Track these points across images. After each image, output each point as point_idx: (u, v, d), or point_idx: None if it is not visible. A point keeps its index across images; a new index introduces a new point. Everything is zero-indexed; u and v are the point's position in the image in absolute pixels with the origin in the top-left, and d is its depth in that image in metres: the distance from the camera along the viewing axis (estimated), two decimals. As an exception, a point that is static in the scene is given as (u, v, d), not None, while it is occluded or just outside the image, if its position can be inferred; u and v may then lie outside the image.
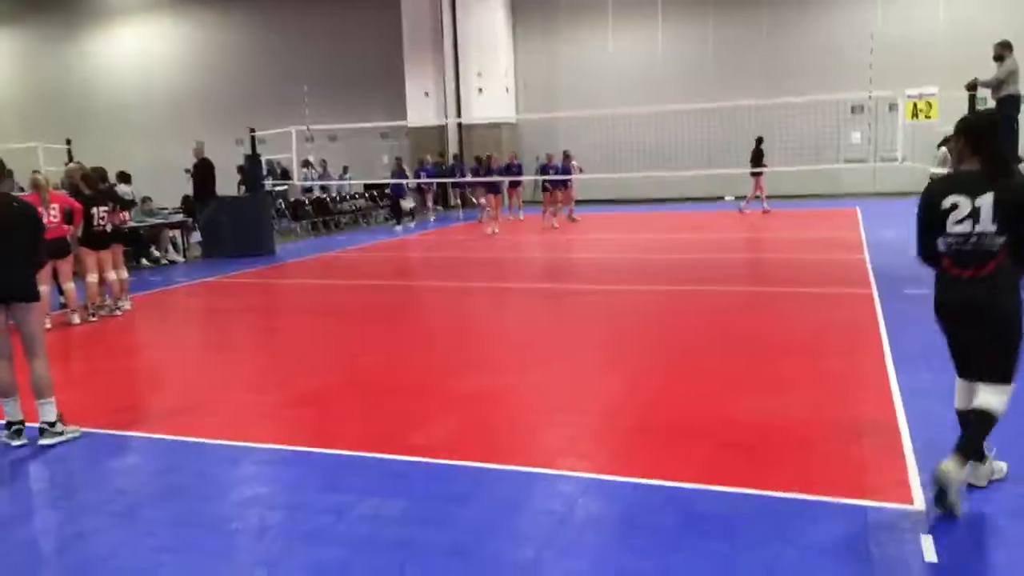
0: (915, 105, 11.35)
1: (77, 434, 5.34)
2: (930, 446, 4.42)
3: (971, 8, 21.72)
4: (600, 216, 21.26)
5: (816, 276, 10.86)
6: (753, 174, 19.37)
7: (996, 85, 11.54)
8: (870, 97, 15.05)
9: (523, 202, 21.79)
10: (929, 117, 11.33)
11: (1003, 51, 11.50)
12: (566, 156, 19.76)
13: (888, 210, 18.81)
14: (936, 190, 3.87)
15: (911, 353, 6.50)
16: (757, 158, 19.46)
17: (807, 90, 20.08)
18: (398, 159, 21.74)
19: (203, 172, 15.78)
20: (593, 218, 20.79)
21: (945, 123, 12.53)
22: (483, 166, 20.11)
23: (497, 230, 17.68)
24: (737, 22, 24.25)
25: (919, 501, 3.85)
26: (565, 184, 19.30)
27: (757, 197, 19.78)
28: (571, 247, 15.72)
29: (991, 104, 11.91)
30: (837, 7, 23.25)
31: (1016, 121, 11.69)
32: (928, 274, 4.06)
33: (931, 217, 3.84)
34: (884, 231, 15.08)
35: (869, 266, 11.06)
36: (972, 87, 11.42)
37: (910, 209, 4.32)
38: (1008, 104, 11.52)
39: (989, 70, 11.77)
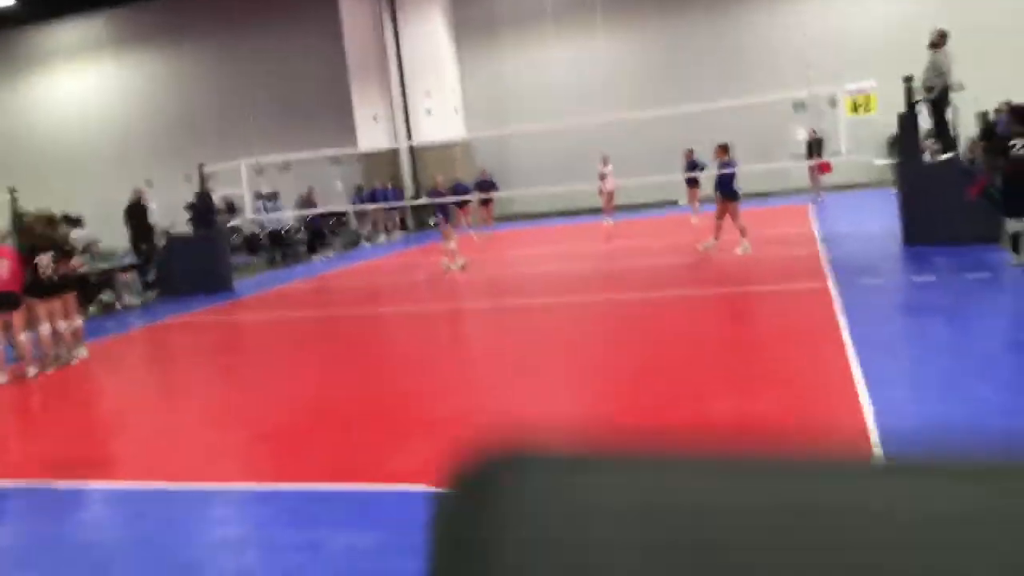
0: (854, 100, 11.60)
1: None
2: (897, 436, 4.48)
3: (903, 1, 22.33)
4: (558, 228, 21.35)
5: (773, 273, 11.00)
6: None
7: (937, 75, 11.74)
8: (809, 94, 15.36)
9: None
10: (869, 111, 11.58)
11: (940, 39, 11.75)
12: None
13: (837, 203, 19.19)
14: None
15: (872, 343, 6.61)
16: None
17: (751, 89, 20.40)
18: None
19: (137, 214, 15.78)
20: (549, 231, 20.89)
21: (885, 115, 12.89)
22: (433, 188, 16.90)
23: (458, 265, 14.17)
24: (677, 26, 24.62)
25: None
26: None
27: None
28: (531, 261, 15.73)
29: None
30: (772, 5, 23.75)
31: (945, 110, 12.01)
32: (881, 264, 4.13)
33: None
34: (835, 224, 15.36)
35: (824, 259, 11.24)
36: (909, 79, 11.73)
37: (859, 201, 4.39)
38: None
39: (922, 61, 12.08)
